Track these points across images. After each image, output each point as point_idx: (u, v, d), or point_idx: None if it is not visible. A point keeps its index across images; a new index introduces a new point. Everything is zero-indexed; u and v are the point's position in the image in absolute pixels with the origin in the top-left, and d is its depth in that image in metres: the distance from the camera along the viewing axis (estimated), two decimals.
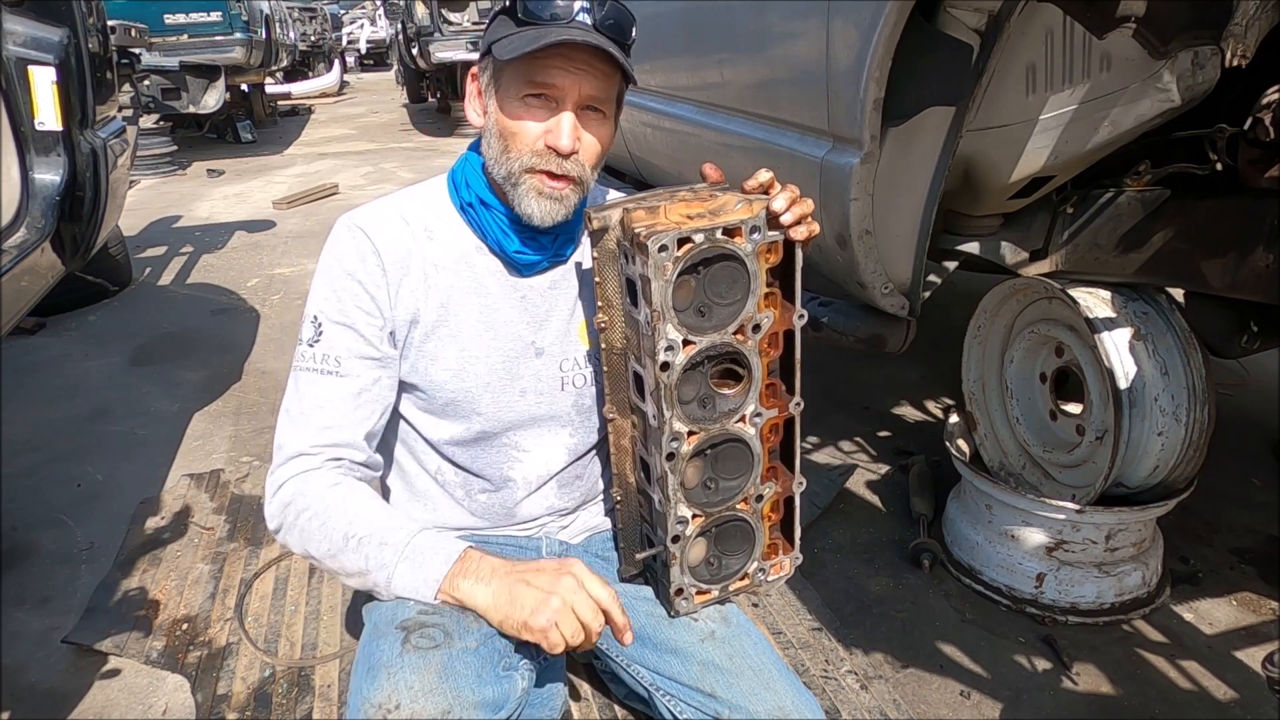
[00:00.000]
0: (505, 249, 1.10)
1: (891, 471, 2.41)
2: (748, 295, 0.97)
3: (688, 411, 0.99)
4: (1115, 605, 1.82)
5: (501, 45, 0.99)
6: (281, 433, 1.07)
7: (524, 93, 1.01)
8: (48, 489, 2.40)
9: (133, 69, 3.29)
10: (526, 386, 1.15)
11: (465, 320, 1.11)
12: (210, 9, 7.18)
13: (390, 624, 1.02)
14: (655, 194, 1.02)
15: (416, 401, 1.15)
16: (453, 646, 0.98)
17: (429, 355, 1.11)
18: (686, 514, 1.04)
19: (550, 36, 0.96)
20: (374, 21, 18.03)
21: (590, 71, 1.00)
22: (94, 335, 3.63)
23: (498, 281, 1.13)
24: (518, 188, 1.04)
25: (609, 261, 1.00)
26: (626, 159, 3.09)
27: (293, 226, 5.47)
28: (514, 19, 1.00)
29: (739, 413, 1.02)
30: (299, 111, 11.71)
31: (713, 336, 0.97)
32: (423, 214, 1.12)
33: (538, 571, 0.97)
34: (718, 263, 0.95)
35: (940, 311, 2.49)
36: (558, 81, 1.00)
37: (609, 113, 1.07)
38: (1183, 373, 1.71)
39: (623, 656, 1.14)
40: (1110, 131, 1.48)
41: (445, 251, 1.11)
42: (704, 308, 0.96)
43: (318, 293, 1.08)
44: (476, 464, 1.18)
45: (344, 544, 0.99)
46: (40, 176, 2.09)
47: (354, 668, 1.04)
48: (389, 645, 0.98)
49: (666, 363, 0.95)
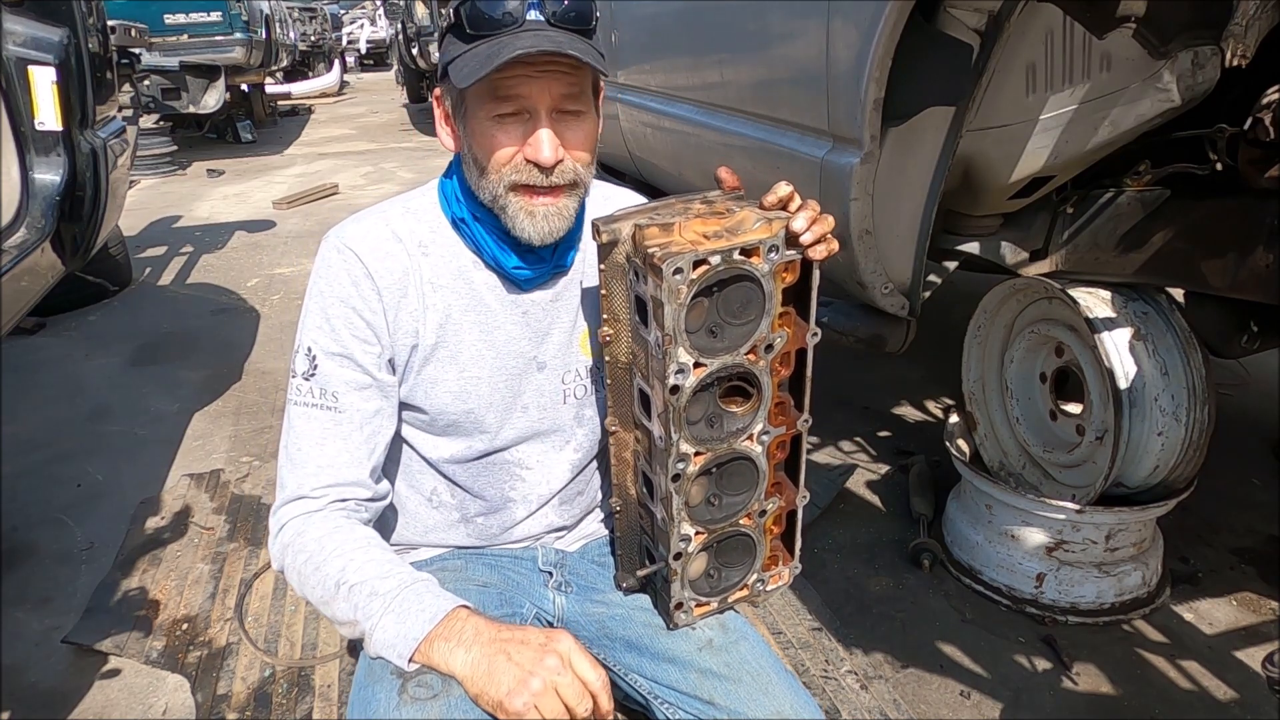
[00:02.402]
0: (503, 265, 1.04)
1: (891, 471, 2.41)
2: (762, 315, 0.92)
3: (695, 432, 0.95)
4: (1115, 605, 1.82)
5: (457, 68, 0.93)
6: (282, 470, 1.02)
7: (493, 112, 0.94)
8: (48, 489, 2.40)
9: (133, 69, 3.29)
10: (529, 402, 1.11)
11: (465, 340, 1.06)
12: (210, 9, 7.18)
13: (385, 666, 0.97)
14: (668, 205, 0.97)
15: (415, 421, 1.11)
16: (451, 695, 0.93)
17: (429, 379, 1.06)
18: (689, 532, 1.01)
19: (504, 52, 0.88)
20: (374, 21, 18.04)
21: (555, 73, 0.93)
22: (94, 335, 3.63)
23: (497, 298, 1.07)
24: (506, 210, 0.98)
25: (617, 276, 0.95)
26: (626, 159, 3.08)
27: (293, 226, 5.47)
28: (461, 36, 0.93)
29: (747, 431, 0.98)
30: (299, 111, 11.71)
31: (724, 358, 0.92)
32: (415, 229, 1.05)
33: (522, 644, 0.89)
34: (733, 283, 0.90)
35: (940, 311, 2.49)
36: (523, 91, 0.93)
37: (587, 107, 0.99)
38: (1183, 373, 1.71)
39: (620, 666, 1.12)
40: (1110, 131, 1.48)
41: (441, 268, 1.05)
42: (716, 328, 0.91)
43: (310, 321, 1.02)
44: (477, 484, 1.15)
45: (335, 591, 0.94)
46: (40, 176, 2.09)
47: (349, 712, 1.01)
48: (385, 695, 0.94)
49: (676, 386, 0.90)
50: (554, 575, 1.21)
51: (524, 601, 1.16)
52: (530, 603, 1.17)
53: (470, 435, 1.11)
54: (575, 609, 1.18)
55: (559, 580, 1.20)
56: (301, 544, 0.98)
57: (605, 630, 1.15)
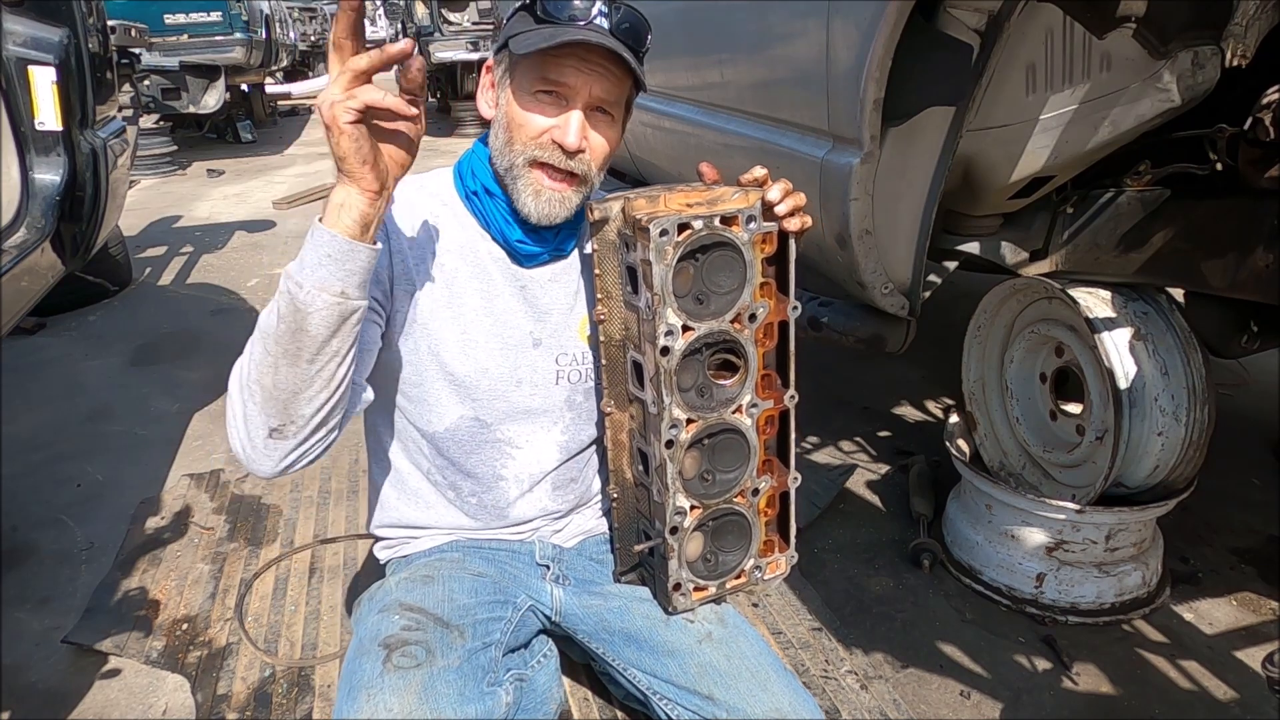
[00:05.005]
0: (508, 238, 1.11)
1: (891, 471, 2.41)
2: (744, 284, 1.00)
3: (686, 400, 1.02)
4: (1115, 605, 1.82)
5: (518, 40, 1.00)
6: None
7: (536, 88, 1.02)
8: (48, 489, 2.40)
9: (133, 69, 3.29)
10: (523, 377, 1.15)
11: (468, 304, 1.12)
12: (210, 9, 7.18)
13: (374, 640, 1.01)
14: (654, 187, 1.04)
15: (411, 390, 1.15)
16: (434, 665, 0.97)
17: (433, 334, 1.11)
18: (685, 504, 1.05)
19: (567, 35, 0.97)
20: (374, 21, 18.05)
21: (602, 73, 1.02)
22: (94, 335, 3.63)
23: (500, 269, 1.14)
24: (517, 181, 1.05)
25: (609, 253, 1.03)
26: (626, 159, 3.09)
27: (293, 226, 5.47)
28: (533, 15, 1.01)
29: (736, 402, 1.05)
30: (299, 111, 11.71)
31: (710, 324, 1.00)
32: (428, 200, 1.13)
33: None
34: (715, 250, 0.98)
35: (940, 311, 2.49)
36: (570, 80, 1.01)
37: (617, 116, 1.08)
38: (1183, 373, 1.71)
39: (619, 660, 1.14)
40: (1110, 131, 1.48)
41: (450, 236, 1.12)
42: (702, 295, 0.99)
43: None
44: (470, 461, 1.18)
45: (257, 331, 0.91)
46: (40, 176, 2.09)
47: (338, 685, 1.03)
48: (370, 664, 0.97)
49: (666, 347, 0.97)
50: (551, 568, 1.22)
51: (519, 593, 1.17)
52: (526, 594, 1.18)
53: (464, 403, 1.14)
54: (573, 602, 1.19)
55: (556, 573, 1.22)
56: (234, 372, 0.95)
57: (604, 623, 1.15)
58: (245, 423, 0.93)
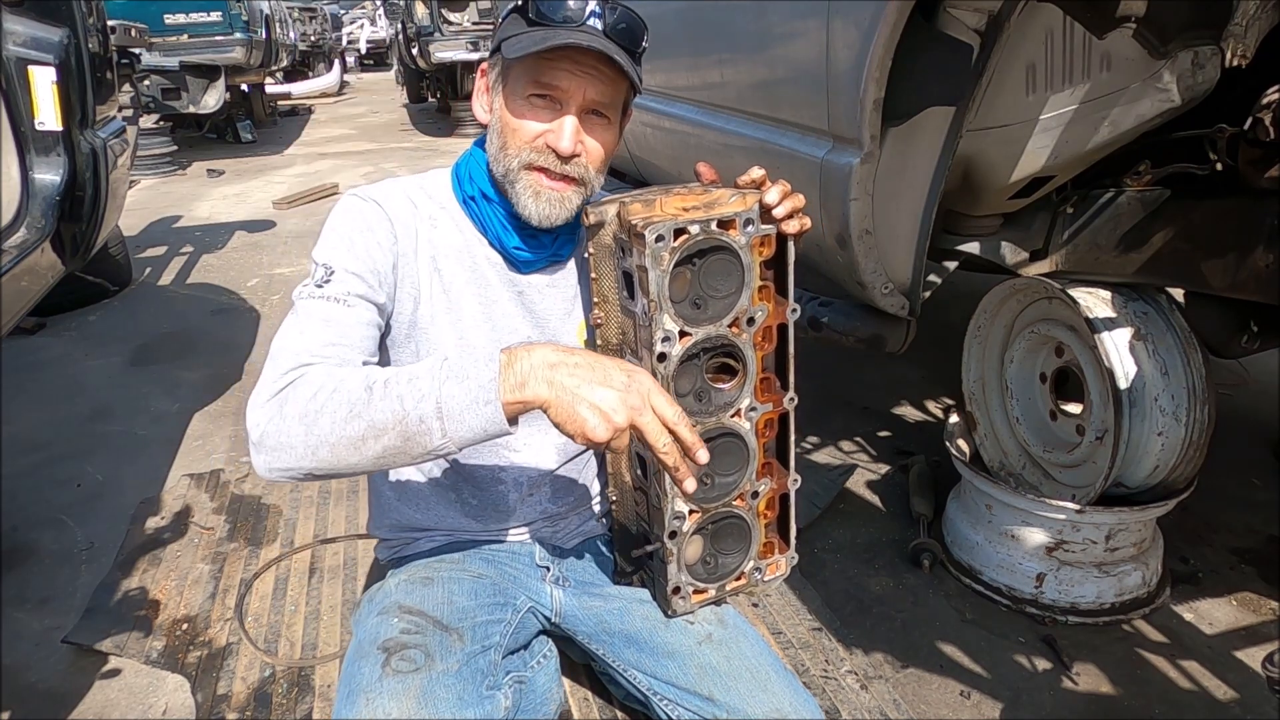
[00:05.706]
0: (505, 244, 1.11)
1: (891, 471, 2.41)
2: (742, 288, 0.99)
3: (684, 404, 1.00)
4: (1115, 605, 1.82)
5: (510, 44, 0.99)
6: (277, 347, 0.97)
7: (529, 92, 1.01)
8: (48, 489, 2.40)
9: (133, 69, 3.28)
10: None
11: (465, 310, 1.12)
12: (210, 9, 7.18)
13: (373, 643, 1.01)
14: (650, 190, 1.03)
15: None
16: (433, 669, 0.96)
17: (432, 341, 1.11)
18: (684, 509, 1.05)
19: (559, 38, 0.96)
20: (374, 21, 18.03)
21: (597, 76, 1.00)
22: (94, 335, 3.63)
23: (497, 274, 1.13)
24: (515, 185, 1.04)
25: (605, 257, 1.02)
26: (626, 159, 3.09)
27: (293, 226, 5.47)
28: (525, 18, 1.00)
29: (734, 406, 1.04)
30: (299, 111, 11.71)
31: (708, 329, 0.98)
32: (427, 202, 1.12)
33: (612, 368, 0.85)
34: (713, 255, 0.96)
35: (940, 311, 2.49)
36: (563, 83, 1.00)
37: (614, 119, 1.07)
38: (1183, 373, 1.71)
39: (620, 661, 1.13)
40: (1110, 131, 1.48)
41: (448, 241, 1.11)
42: (699, 300, 0.98)
43: (328, 243, 1.04)
44: (469, 463, 1.18)
45: (367, 394, 0.86)
46: (40, 176, 2.09)
47: (338, 688, 1.03)
48: (369, 668, 0.97)
49: (663, 354, 0.95)
50: (551, 570, 1.22)
51: (519, 594, 1.17)
52: (526, 596, 1.18)
53: None
54: (573, 603, 1.19)
55: (556, 575, 1.22)
56: (306, 382, 0.90)
57: (603, 625, 1.15)
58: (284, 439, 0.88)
